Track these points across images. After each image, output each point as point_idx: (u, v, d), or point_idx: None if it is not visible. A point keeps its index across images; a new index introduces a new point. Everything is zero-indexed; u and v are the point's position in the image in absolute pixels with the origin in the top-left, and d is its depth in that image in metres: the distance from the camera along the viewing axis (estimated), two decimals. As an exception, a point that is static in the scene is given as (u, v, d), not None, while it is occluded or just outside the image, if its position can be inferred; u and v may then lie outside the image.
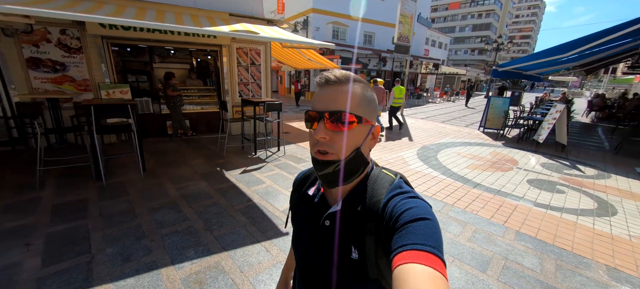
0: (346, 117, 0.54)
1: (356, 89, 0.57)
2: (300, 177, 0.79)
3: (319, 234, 0.64)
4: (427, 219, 0.49)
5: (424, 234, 0.47)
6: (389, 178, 0.62)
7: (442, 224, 2.90)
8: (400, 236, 0.48)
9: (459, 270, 2.21)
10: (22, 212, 2.72)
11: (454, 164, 5.05)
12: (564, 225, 3.01)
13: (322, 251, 0.63)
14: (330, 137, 0.56)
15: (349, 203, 0.61)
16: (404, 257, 0.44)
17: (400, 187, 0.59)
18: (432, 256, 0.43)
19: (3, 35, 4.28)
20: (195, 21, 4.61)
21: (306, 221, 0.69)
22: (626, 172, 5.03)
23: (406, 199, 0.55)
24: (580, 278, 2.19)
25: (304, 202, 0.72)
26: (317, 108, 0.57)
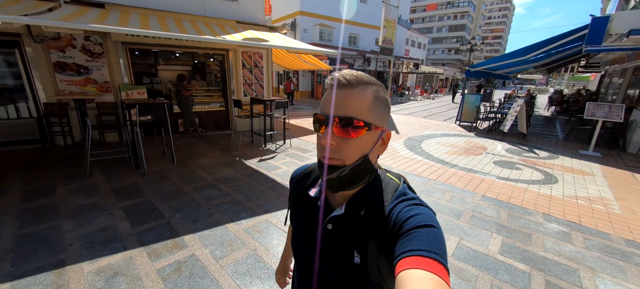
0: (355, 123, 0.53)
1: (367, 92, 0.55)
2: (299, 174, 0.77)
3: (321, 235, 0.64)
4: (432, 226, 0.50)
5: (428, 241, 0.47)
6: (393, 183, 0.62)
7: (428, 192, 3.75)
8: (404, 242, 0.48)
9: (441, 218, 3.05)
10: (88, 193, 3.27)
11: (435, 151, 5.98)
12: (518, 190, 3.96)
13: (322, 254, 0.63)
14: (338, 143, 0.54)
15: (352, 207, 0.61)
16: (407, 262, 0.44)
17: (405, 194, 0.60)
18: (435, 263, 0.44)
19: (33, 42, 4.67)
20: (210, 29, 5.21)
21: (307, 223, 0.67)
22: (571, 154, 6.18)
23: (411, 206, 0.55)
24: (524, 221, 3.09)
25: (305, 202, 0.70)
26: (326, 112, 0.55)
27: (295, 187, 0.76)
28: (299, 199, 0.72)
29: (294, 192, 0.75)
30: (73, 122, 5.18)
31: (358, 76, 0.55)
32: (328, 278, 0.63)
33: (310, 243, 0.65)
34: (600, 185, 4.32)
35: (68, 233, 2.47)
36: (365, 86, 0.55)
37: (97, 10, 4.67)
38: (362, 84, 0.55)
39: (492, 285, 2.08)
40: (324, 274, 0.64)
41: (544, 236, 2.79)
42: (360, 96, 0.54)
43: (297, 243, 0.70)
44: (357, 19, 20.50)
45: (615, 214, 3.34)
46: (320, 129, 0.56)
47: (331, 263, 0.62)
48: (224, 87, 7.09)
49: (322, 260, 0.63)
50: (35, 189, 3.33)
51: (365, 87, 0.55)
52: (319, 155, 0.58)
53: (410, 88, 22.26)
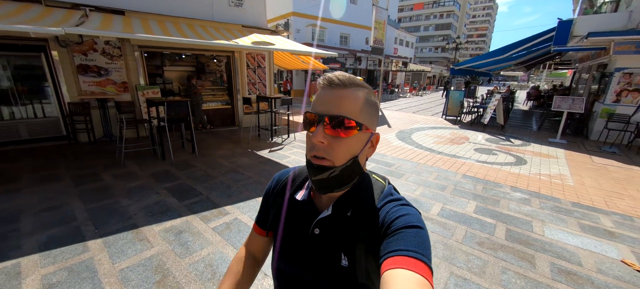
0: (346, 123, 0.53)
1: (359, 94, 0.56)
2: (284, 178, 0.74)
3: (306, 242, 0.63)
4: (419, 227, 0.51)
5: (414, 241, 0.48)
6: (379, 184, 0.63)
7: (418, 173, 4.44)
8: (390, 242, 0.49)
9: (430, 191, 3.73)
10: (130, 178, 3.78)
11: (424, 141, 6.71)
12: (493, 171, 4.70)
13: (309, 259, 0.62)
14: (329, 142, 0.54)
15: (339, 209, 0.60)
16: (393, 262, 0.46)
17: (392, 194, 0.60)
18: (420, 263, 0.45)
19: (59, 46, 5.09)
20: (221, 34, 5.75)
21: (295, 229, 0.66)
22: (541, 142, 7.04)
23: (399, 206, 0.56)
24: (495, 191, 3.82)
25: (290, 207, 0.68)
26: (317, 110, 0.55)
27: (279, 193, 0.72)
28: (283, 204, 0.70)
29: (278, 199, 0.72)
30: (95, 120, 5.61)
31: (351, 77, 0.56)
32: (307, 283, 0.62)
33: (299, 249, 0.64)
34: (561, 165, 5.14)
35: (129, 206, 3.01)
36: (357, 87, 0.56)
37: (120, 17, 5.12)
38: (354, 86, 0.56)
39: (466, 232, 2.76)
40: (308, 280, 0.62)
41: (509, 201, 3.52)
42: (353, 97, 0.55)
43: (283, 251, 0.67)
44: (348, 20, 21.19)
45: (569, 186, 4.12)
46: (311, 128, 0.56)
47: (316, 270, 0.61)
48: (230, 86, 7.60)
49: (304, 269, 0.62)
50: (82, 176, 3.81)
51: (357, 89, 0.56)
52: (309, 155, 0.57)
53: (400, 86, 23.16)
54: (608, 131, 6.97)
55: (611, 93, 7.19)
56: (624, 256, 2.47)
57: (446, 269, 2.21)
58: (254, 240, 0.78)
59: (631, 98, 6.94)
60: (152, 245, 2.37)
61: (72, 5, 4.88)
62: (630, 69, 6.83)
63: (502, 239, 2.65)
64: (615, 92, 7.14)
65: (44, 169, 4.02)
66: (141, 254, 2.25)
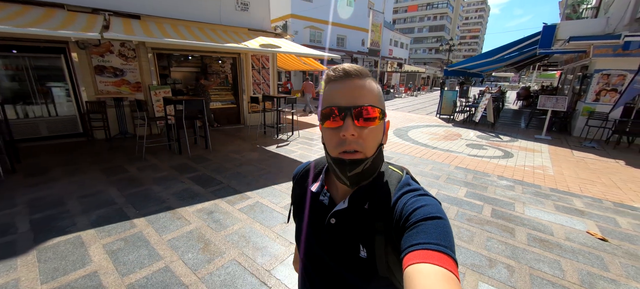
0: (372, 112, 0.54)
1: (373, 83, 0.57)
2: (300, 171, 0.77)
3: (324, 232, 0.63)
4: (439, 217, 0.49)
5: (436, 233, 0.46)
6: (396, 175, 0.62)
7: (415, 165, 4.88)
8: (411, 235, 0.48)
9: (426, 180, 4.17)
10: (155, 170, 4.13)
11: (419, 137, 7.18)
12: (482, 163, 5.17)
13: (327, 248, 0.63)
14: (359, 134, 0.54)
15: (356, 201, 0.60)
16: (415, 256, 0.44)
17: (409, 184, 0.59)
18: (444, 256, 0.43)
19: (78, 48, 5.39)
20: (230, 36, 6.12)
21: (310, 219, 0.68)
22: (528, 138, 7.56)
23: (416, 197, 0.54)
24: (484, 180, 4.27)
25: (307, 199, 0.70)
26: (341, 103, 0.54)
27: (297, 184, 0.76)
28: (301, 196, 0.73)
29: (296, 189, 0.76)
30: (111, 118, 5.91)
31: (362, 68, 0.57)
32: (334, 273, 0.62)
33: (315, 238, 0.66)
34: (544, 158, 5.64)
35: (160, 192, 3.38)
36: (370, 77, 0.57)
37: (136, 21, 5.46)
38: (368, 75, 0.57)
39: (458, 211, 3.20)
40: (329, 269, 0.63)
41: (496, 187, 3.97)
42: (370, 86, 0.56)
43: (300, 239, 0.70)
44: (344, 22, 21.65)
45: (549, 175, 4.61)
46: (335, 123, 0.54)
47: (336, 258, 0.61)
48: (235, 86, 7.96)
49: (327, 255, 0.63)
50: (109, 168, 4.15)
51: (370, 78, 0.57)
52: (336, 152, 0.55)
53: (395, 86, 23.72)
54: (588, 128, 7.53)
55: (591, 93, 7.76)
56: (590, 228, 2.93)
57: (441, 238, 2.64)
58: None
59: (609, 97, 7.51)
60: (190, 222, 2.74)
61: (93, 9, 5.21)
62: (608, 71, 7.41)
63: (488, 217, 3.09)
64: (595, 92, 7.71)
65: (72, 164, 4.34)
66: (182, 228, 2.63)
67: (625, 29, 6.84)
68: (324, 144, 0.61)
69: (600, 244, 2.66)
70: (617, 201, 3.67)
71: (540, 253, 2.48)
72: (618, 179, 4.54)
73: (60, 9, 4.93)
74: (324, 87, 0.58)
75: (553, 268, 2.27)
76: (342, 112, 0.53)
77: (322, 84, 0.60)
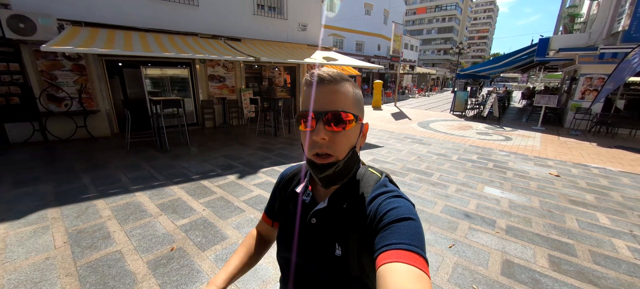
0: (344, 116, 0.55)
1: (348, 87, 0.59)
2: (288, 175, 0.80)
3: (305, 231, 0.66)
4: (411, 219, 0.51)
5: (408, 233, 0.48)
6: (374, 177, 0.65)
7: (440, 144, 6.96)
8: (384, 236, 0.50)
9: (449, 151, 6.25)
10: (265, 145, 6.33)
11: (439, 128, 9.25)
12: (489, 143, 7.22)
13: (307, 247, 0.65)
14: (330, 138, 0.56)
15: (335, 201, 0.63)
16: (388, 256, 0.46)
17: (385, 186, 0.61)
18: (415, 256, 0.45)
19: (200, 62, 7.67)
20: (296, 51, 8.33)
21: (294, 219, 0.69)
22: (526, 128, 9.53)
23: (390, 199, 0.56)
24: (489, 151, 6.33)
25: (291, 200, 0.73)
26: (314, 108, 0.56)
27: (283, 188, 0.78)
28: (287, 198, 0.75)
29: (282, 192, 0.78)
30: (217, 112, 8.18)
31: (339, 72, 0.58)
32: (312, 272, 0.64)
33: (299, 237, 0.67)
34: (535, 141, 7.64)
35: (273, 151, 5.56)
36: (346, 81, 0.59)
37: (239, 42, 7.71)
38: (343, 80, 0.58)
39: (472, 164, 5.29)
40: (307, 268, 0.65)
41: (497, 155, 6.03)
42: (344, 91, 0.57)
43: (283, 240, 0.71)
44: (362, 29, 23.79)
45: (536, 150, 6.63)
46: (308, 126, 0.57)
47: (314, 256, 0.63)
48: (293, 87, 10.18)
49: (306, 254, 0.65)
50: (242, 143, 6.37)
51: (345, 82, 0.59)
52: (310, 154, 0.59)
53: (408, 87, 25.70)
54: (575, 120, 9.47)
55: (578, 92, 9.69)
56: (551, 171, 4.99)
57: (462, 175, 4.74)
58: (263, 226, 0.87)
59: (592, 96, 9.43)
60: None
61: (212, 36, 7.48)
62: (590, 75, 9.34)
63: (490, 167, 5.18)
64: (581, 92, 9.64)
65: (213, 140, 6.58)
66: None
67: (602, 43, 8.77)
68: (302, 145, 0.63)
69: (554, 178, 4.72)
70: (576, 162, 5.70)
71: (519, 179, 4.56)
72: (585, 152, 6.53)
73: (194, 36, 7.21)
74: (303, 91, 0.61)
75: (525, 184, 4.34)
76: (315, 117, 0.56)
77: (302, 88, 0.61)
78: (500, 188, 4.13)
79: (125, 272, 2.13)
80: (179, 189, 3.70)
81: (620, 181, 4.60)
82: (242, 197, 3.55)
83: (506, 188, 4.13)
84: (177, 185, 3.84)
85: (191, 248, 2.46)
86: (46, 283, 2.00)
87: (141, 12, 6.52)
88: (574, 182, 4.48)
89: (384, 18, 25.40)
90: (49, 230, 2.65)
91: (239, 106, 8.46)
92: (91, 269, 2.15)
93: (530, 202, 3.66)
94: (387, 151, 6.09)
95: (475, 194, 3.87)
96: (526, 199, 3.73)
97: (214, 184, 3.94)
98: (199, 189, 3.73)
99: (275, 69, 11.09)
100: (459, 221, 3.10)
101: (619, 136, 8.55)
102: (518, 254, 2.53)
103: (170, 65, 7.46)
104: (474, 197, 3.76)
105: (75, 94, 6.18)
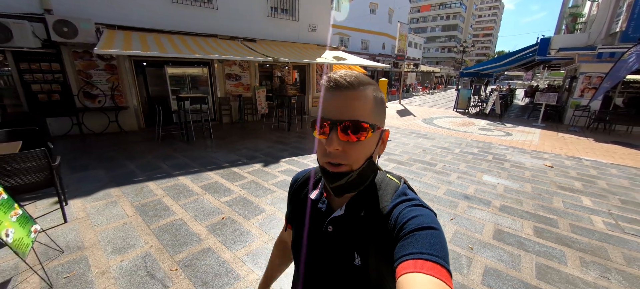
0: (360, 127, 0.53)
1: (368, 93, 0.55)
2: (300, 178, 0.78)
3: (321, 239, 0.64)
4: (433, 228, 0.50)
5: (430, 243, 0.47)
6: (393, 184, 0.63)
7: (443, 139, 7.43)
8: (405, 244, 0.48)
9: (452, 144, 6.72)
10: (280, 138, 6.85)
11: (443, 124, 9.71)
12: (489, 138, 7.67)
13: (323, 256, 0.64)
14: (344, 148, 0.54)
15: (352, 208, 0.61)
16: (409, 266, 0.44)
17: (405, 194, 0.60)
18: (437, 267, 0.44)
19: (218, 63, 8.21)
20: (307, 51, 8.82)
21: (309, 227, 0.68)
22: (526, 125, 9.94)
23: (411, 207, 0.55)
24: (489, 146, 6.80)
25: (305, 205, 0.71)
26: (328, 116, 0.54)
27: (296, 191, 0.76)
28: (299, 203, 0.73)
29: (295, 196, 0.76)
30: (233, 108, 8.72)
31: (358, 77, 0.55)
32: (328, 282, 0.63)
33: (311, 245, 0.66)
34: (534, 137, 8.07)
35: (289, 144, 6.08)
36: (366, 86, 0.55)
37: (254, 43, 8.22)
38: (363, 86, 0.55)
39: (473, 157, 5.76)
40: (324, 278, 0.64)
41: (497, 149, 6.50)
42: (363, 98, 0.54)
43: (297, 247, 0.70)
44: (367, 28, 24.17)
45: (534, 144, 7.07)
46: (323, 134, 0.55)
47: (331, 266, 0.62)
48: (302, 86, 10.69)
49: (322, 263, 0.64)
50: (242, 138, 6.90)
51: (365, 88, 0.55)
52: (323, 161, 0.57)
53: (413, 85, 26.07)
54: (575, 117, 9.85)
55: (578, 90, 10.06)
56: (545, 162, 5.44)
57: (463, 165, 5.22)
58: (286, 232, 0.87)
59: (590, 94, 9.80)
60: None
61: (230, 37, 8.00)
62: (589, 73, 9.71)
63: (490, 159, 5.65)
64: (580, 90, 10.02)
65: (233, 134, 7.13)
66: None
67: (601, 43, 9.14)
68: (316, 150, 0.61)
69: (548, 168, 5.18)
70: (570, 155, 6.14)
71: (516, 169, 5.03)
72: (580, 147, 6.96)
73: (213, 38, 7.74)
74: (321, 94, 0.57)
75: (520, 173, 4.81)
76: (329, 125, 0.53)
77: None
78: (497, 176, 4.61)
79: (191, 233, 2.67)
80: (214, 175, 4.24)
81: (609, 171, 5.05)
82: (270, 181, 4.08)
83: (503, 176, 4.61)
84: (211, 171, 4.38)
85: (238, 217, 3.00)
86: (131, 239, 2.55)
87: (167, 15, 7.06)
88: (565, 172, 4.94)
89: (389, 17, 25.74)
90: (117, 204, 3.21)
91: (253, 103, 8.99)
92: (163, 230, 2.70)
93: (523, 187, 4.14)
94: (394, 145, 6.59)
95: (475, 180, 4.36)
96: (520, 185, 4.21)
97: (243, 170, 4.48)
98: (231, 175, 4.26)
99: (285, 67, 11.62)
100: (459, 201, 3.60)
101: (616, 132, 8.93)
102: (508, 225, 3.02)
103: (190, 64, 8.00)
104: (473, 183, 4.25)
105: (108, 91, 6.75)
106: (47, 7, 5.78)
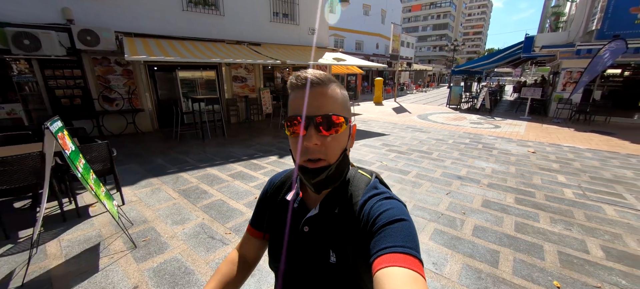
0: (336, 120, 0.55)
1: (336, 89, 0.58)
2: (277, 181, 0.78)
3: (297, 240, 0.65)
4: (403, 219, 0.52)
5: (402, 235, 0.49)
6: (365, 179, 0.65)
7: (437, 132, 8.05)
8: (378, 239, 0.51)
9: (446, 136, 7.35)
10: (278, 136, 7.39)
11: (437, 119, 10.36)
12: (480, 130, 8.33)
13: (300, 256, 0.64)
14: (322, 142, 0.56)
15: (326, 207, 0.62)
16: (384, 260, 0.47)
17: (376, 188, 0.61)
18: (410, 258, 0.46)
19: (226, 66, 8.69)
20: (307, 53, 9.36)
21: (285, 227, 0.68)
22: (514, 118, 10.66)
23: (381, 201, 0.57)
24: (480, 136, 7.44)
25: (282, 209, 0.71)
26: (303, 113, 0.55)
27: (272, 196, 0.76)
28: (277, 206, 0.73)
29: (271, 202, 0.75)
30: (240, 109, 9.21)
31: (325, 74, 0.56)
32: (306, 281, 0.64)
33: (291, 247, 0.66)
34: (520, 128, 8.77)
35: (312, 141, 6.62)
36: (333, 83, 0.58)
37: (260, 47, 8.74)
38: (331, 82, 0.57)
39: (466, 146, 6.39)
40: (302, 277, 0.65)
41: (486, 139, 7.15)
42: (334, 93, 0.57)
43: (275, 250, 0.70)
44: (361, 29, 24.83)
45: (520, 135, 7.75)
46: (298, 131, 0.56)
47: (308, 265, 0.63)
48: (304, 87, 11.23)
49: (299, 263, 0.65)
50: (252, 136, 7.41)
51: (334, 84, 0.58)
52: (302, 160, 0.58)
53: (406, 83, 26.82)
54: (558, 110, 10.61)
55: (560, 84, 10.83)
56: (529, 149, 6.10)
57: (456, 153, 5.83)
58: (248, 243, 0.80)
59: (571, 88, 10.58)
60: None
61: (236, 42, 8.50)
62: (570, 69, 10.48)
63: (480, 148, 6.28)
64: (562, 84, 10.78)
65: (242, 132, 7.63)
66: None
67: (579, 40, 9.91)
68: (290, 151, 0.62)
69: (531, 154, 5.82)
70: (551, 142, 6.82)
71: (502, 155, 5.66)
72: (562, 136, 7.66)
73: (222, 43, 8.23)
74: (289, 93, 0.59)
75: (506, 159, 5.44)
76: (305, 122, 0.55)
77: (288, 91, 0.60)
78: (486, 161, 5.23)
79: (232, 209, 3.20)
80: (238, 166, 4.76)
81: (583, 155, 5.72)
82: (288, 169, 4.62)
83: (491, 161, 5.24)
84: (234, 163, 4.89)
85: (268, 197, 3.53)
86: (185, 214, 3.07)
87: (179, 22, 7.54)
88: (545, 156, 5.60)
89: (382, 18, 26.47)
90: (161, 190, 3.71)
91: (258, 103, 9.50)
92: (208, 208, 3.21)
93: (508, 169, 4.76)
94: (393, 138, 7.18)
95: (467, 165, 4.97)
96: (505, 168, 4.84)
97: (262, 162, 5.00)
98: (252, 166, 4.78)
99: (286, 69, 12.15)
100: (453, 180, 4.19)
101: (595, 122, 9.71)
102: (494, 197, 3.62)
103: (198, 68, 8.48)
104: (465, 167, 4.86)
105: (125, 95, 7.19)
106: (69, 17, 6.20)
